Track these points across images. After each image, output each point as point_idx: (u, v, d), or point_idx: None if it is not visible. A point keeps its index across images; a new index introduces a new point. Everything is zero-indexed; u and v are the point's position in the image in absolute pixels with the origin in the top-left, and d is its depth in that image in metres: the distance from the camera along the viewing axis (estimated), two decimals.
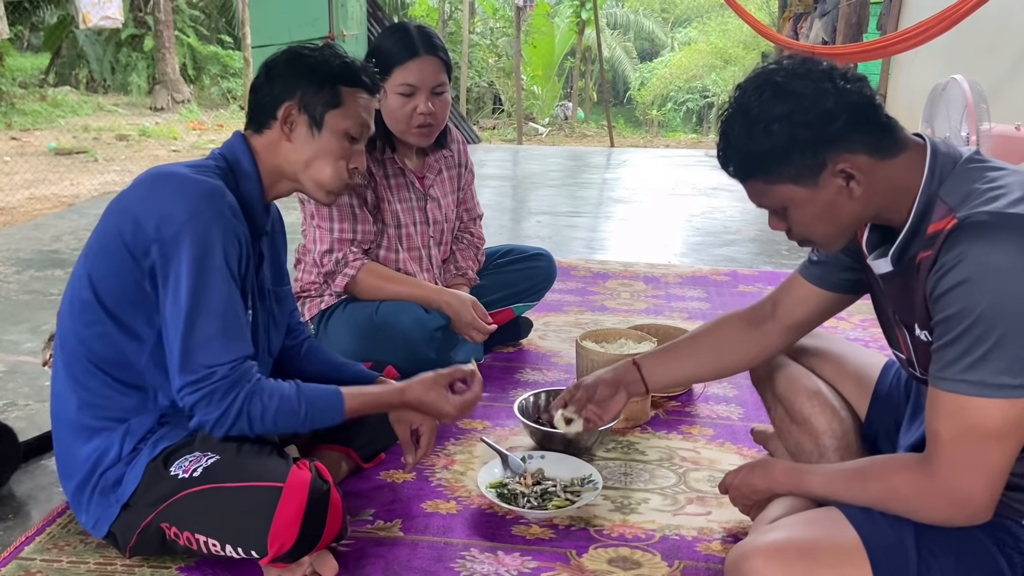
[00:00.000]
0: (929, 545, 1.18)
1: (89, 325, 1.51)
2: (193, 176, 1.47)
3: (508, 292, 2.59)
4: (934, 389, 1.15)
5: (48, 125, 10.55)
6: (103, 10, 8.61)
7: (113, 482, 1.52)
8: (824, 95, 1.17)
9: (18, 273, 3.63)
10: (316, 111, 1.57)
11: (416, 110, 2.21)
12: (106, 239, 1.49)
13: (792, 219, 1.27)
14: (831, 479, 1.31)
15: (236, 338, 1.45)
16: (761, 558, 1.19)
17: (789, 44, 7.62)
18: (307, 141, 1.58)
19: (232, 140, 1.61)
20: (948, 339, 1.12)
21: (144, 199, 1.47)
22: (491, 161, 7.43)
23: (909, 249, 1.23)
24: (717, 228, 4.66)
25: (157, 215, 1.42)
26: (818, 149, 1.18)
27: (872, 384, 1.61)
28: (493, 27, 14.81)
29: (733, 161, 1.26)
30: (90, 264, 1.52)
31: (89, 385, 1.53)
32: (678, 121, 20.46)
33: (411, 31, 2.24)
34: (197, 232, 1.41)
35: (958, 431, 1.12)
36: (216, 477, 1.44)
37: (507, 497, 1.77)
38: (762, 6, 17.11)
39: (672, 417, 2.26)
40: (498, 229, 4.55)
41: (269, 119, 1.58)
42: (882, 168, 1.20)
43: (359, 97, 1.60)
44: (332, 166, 1.60)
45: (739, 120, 1.22)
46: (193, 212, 1.42)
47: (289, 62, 1.59)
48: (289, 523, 1.38)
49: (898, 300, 1.29)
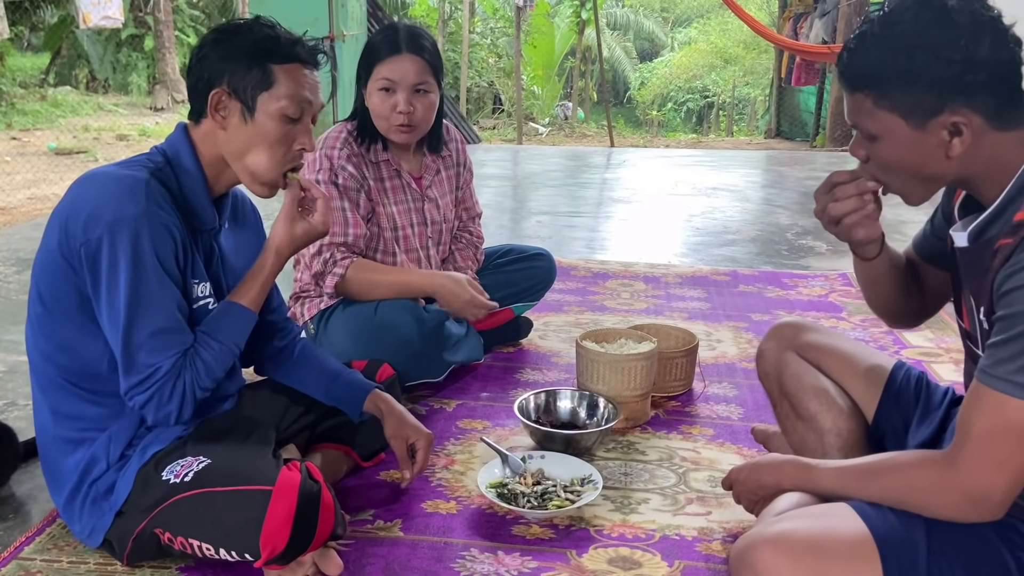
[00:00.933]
0: (940, 541, 1.16)
1: (48, 339, 1.50)
2: (117, 173, 1.43)
3: (508, 292, 2.59)
4: (978, 383, 1.13)
5: (48, 125, 10.55)
6: (103, 10, 8.62)
7: (105, 490, 1.51)
8: (980, 41, 1.12)
9: (18, 273, 3.64)
10: (247, 95, 1.46)
11: (395, 107, 2.22)
12: (44, 250, 1.48)
13: (878, 151, 1.22)
14: (842, 473, 1.29)
15: (175, 332, 1.44)
16: (769, 549, 1.17)
17: (788, 44, 7.62)
18: (240, 128, 1.47)
19: (174, 134, 1.53)
20: (1003, 337, 1.10)
21: (71, 203, 1.44)
22: (491, 161, 7.42)
23: (989, 230, 1.19)
24: (717, 228, 4.66)
25: (83, 217, 1.39)
26: (945, 92, 1.13)
27: (882, 384, 1.59)
28: (493, 27, 14.81)
29: (856, 66, 1.19)
30: (36, 278, 1.51)
31: (60, 399, 1.52)
32: (678, 121, 20.47)
33: (399, 29, 2.26)
34: (122, 230, 1.38)
35: (992, 427, 1.10)
36: (207, 481, 1.43)
37: (507, 497, 1.77)
38: (762, 6, 17.10)
39: (672, 417, 2.26)
40: (498, 229, 4.55)
41: (203, 107, 1.48)
42: (991, 137, 1.16)
43: (295, 73, 1.49)
44: (267, 153, 1.49)
45: (886, 27, 1.16)
46: (116, 209, 1.38)
47: (215, 42, 1.48)
48: (280, 526, 1.37)
49: (970, 276, 1.25)
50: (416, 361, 2.21)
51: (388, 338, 2.18)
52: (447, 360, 2.34)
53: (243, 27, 1.50)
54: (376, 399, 1.79)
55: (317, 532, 1.42)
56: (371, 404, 1.79)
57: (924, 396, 1.54)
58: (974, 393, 1.14)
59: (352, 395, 1.80)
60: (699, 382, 2.43)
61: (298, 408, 1.82)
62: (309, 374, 1.81)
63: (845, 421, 1.59)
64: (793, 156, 7.91)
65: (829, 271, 3.69)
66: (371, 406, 1.79)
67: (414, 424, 1.79)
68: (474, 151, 7.93)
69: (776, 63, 10.56)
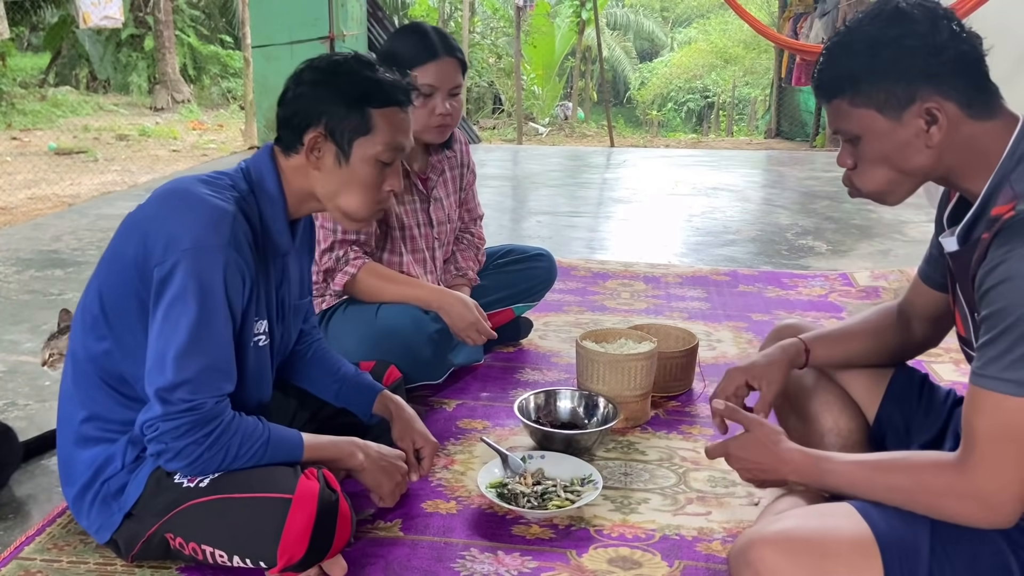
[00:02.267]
0: (943, 543, 1.15)
1: (98, 340, 1.48)
2: (205, 197, 1.40)
3: (508, 292, 2.59)
4: (973, 386, 1.13)
5: (48, 125, 10.55)
6: (103, 10, 8.61)
7: (115, 490, 1.50)
8: (939, 30, 1.16)
9: (18, 273, 3.63)
10: (343, 139, 1.46)
11: (434, 111, 2.22)
12: (116, 254, 1.46)
13: (862, 153, 1.24)
14: (851, 468, 1.26)
15: (225, 373, 1.41)
16: (770, 547, 1.16)
17: (790, 44, 7.62)
18: (334, 171, 1.48)
19: (260, 157, 1.52)
20: (990, 336, 1.10)
21: (154, 217, 1.42)
22: (491, 161, 7.42)
23: (976, 229, 1.20)
24: (717, 228, 4.66)
25: (164, 237, 1.37)
26: (914, 80, 1.17)
27: (884, 385, 1.59)
28: (494, 27, 14.80)
29: (827, 75, 1.24)
30: (100, 279, 1.49)
31: (94, 396, 1.51)
32: (678, 121, 20.45)
33: (429, 32, 2.25)
34: (199, 261, 1.35)
35: (996, 431, 1.10)
36: (223, 487, 1.42)
37: (507, 497, 1.77)
38: (762, 6, 17.09)
39: (672, 417, 2.26)
40: (498, 229, 4.55)
41: (296, 143, 1.48)
42: (966, 126, 1.18)
43: (392, 117, 1.49)
44: (360, 196, 1.50)
45: (847, 37, 1.22)
46: (197, 239, 1.36)
47: (315, 82, 1.47)
48: (300, 535, 1.37)
49: (962, 280, 1.26)
50: (417, 363, 2.21)
51: (389, 341, 2.17)
52: (448, 362, 2.34)
53: (342, 67, 1.48)
54: (386, 400, 1.82)
55: (335, 541, 1.43)
56: (380, 406, 1.81)
57: (926, 397, 1.54)
58: (971, 396, 1.14)
59: (362, 397, 1.82)
60: (699, 382, 2.43)
61: (305, 414, 1.84)
62: (321, 375, 1.83)
63: (846, 421, 1.58)
64: (793, 156, 7.91)
65: (829, 271, 3.69)
66: (380, 408, 1.81)
67: (421, 430, 1.81)
68: (474, 151, 7.91)
69: (776, 63, 10.56)
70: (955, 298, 1.32)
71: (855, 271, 3.67)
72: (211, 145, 9.03)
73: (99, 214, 4.92)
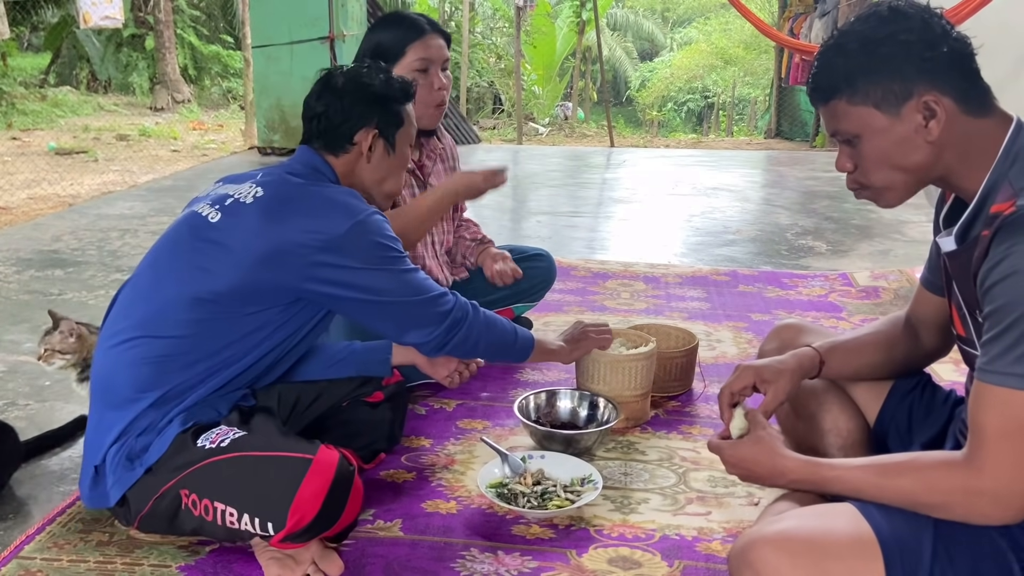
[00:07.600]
0: (946, 545, 1.14)
1: (197, 321, 1.55)
2: (334, 192, 1.63)
3: (508, 292, 2.59)
4: (980, 382, 1.12)
5: (48, 125, 10.55)
6: (104, 10, 8.61)
7: (140, 448, 1.53)
8: (931, 26, 1.17)
9: (18, 273, 3.63)
10: (390, 134, 1.74)
11: (434, 84, 2.26)
12: (271, 241, 1.54)
13: (862, 152, 1.24)
14: (855, 474, 1.23)
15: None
16: (770, 548, 1.15)
17: (792, 44, 7.62)
18: (384, 160, 1.75)
19: (309, 158, 1.70)
20: (995, 332, 1.10)
21: (301, 212, 1.56)
22: (491, 161, 7.41)
23: (973, 228, 1.20)
24: (717, 228, 4.66)
25: (330, 218, 1.56)
26: (910, 75, 1.17)
27: (886, 385, 1.59)
28: (494, 27, 14.80)
29: (823, 78, 1.24)
30: (242, 263, 1.54)
31: (157, 365, 1.54)
32: (678, 121, 20.46)
33: (409, 14, 2.33)
34: (367, 223, 1.59)
35: (1006, 426, 1.09)
36: (245, 447, 1.48)
37: (507, 497, 1.77)
38: (763, 6, 17.09)
39: (672, 417, 2.26)
40: (498, 229, 4.54)
41: (345, 143, 1.70)
42: (963, 122, 1.18)
43: (410, 108, 1.79)
44: (400, 177, 1.81)
45: (840, 39, 1.22)
46: (356, 212, 1.58)
47: (358, 91, 1.71)
48: (314, 495, 1.41)
49: (960, 279, 1.25)
50: None
51: None
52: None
53: (366, 75, 1.74)
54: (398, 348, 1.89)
55: (344, 513, 1.46)
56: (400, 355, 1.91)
57: (927, 397, 1.54)
58: (978, 393, 1.13)
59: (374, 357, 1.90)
60: (699, 382, 2.43)
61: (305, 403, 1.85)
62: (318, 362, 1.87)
63: (845, 421, 1.58)
64: (793, 156, 7.91)
65: (829, 271, 3.69)
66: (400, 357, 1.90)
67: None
68: (474, 151, 7.95)
69: (776, 63, 10.56)
70: (952, 298, 1.32)
71: (855, 271, 3.67)
72: (211, 145, 9.02)
73: (99, 214, 4.91)
